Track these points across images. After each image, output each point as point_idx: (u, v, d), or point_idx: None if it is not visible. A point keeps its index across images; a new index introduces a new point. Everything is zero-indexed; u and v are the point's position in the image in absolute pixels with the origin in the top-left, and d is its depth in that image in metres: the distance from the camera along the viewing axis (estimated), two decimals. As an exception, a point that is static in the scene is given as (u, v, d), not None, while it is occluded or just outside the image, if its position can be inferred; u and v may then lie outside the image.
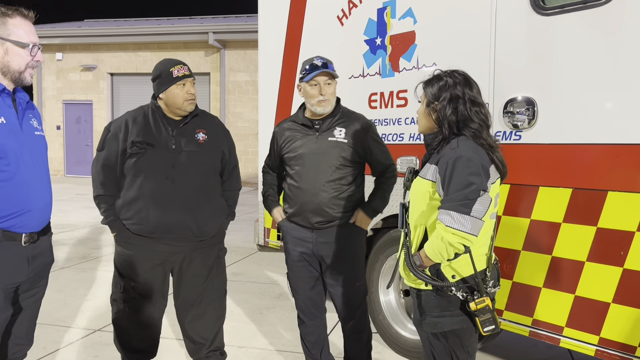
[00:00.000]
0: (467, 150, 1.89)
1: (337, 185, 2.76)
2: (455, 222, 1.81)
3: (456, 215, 1.81)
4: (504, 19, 2.93)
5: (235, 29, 15.07)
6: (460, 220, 1.81)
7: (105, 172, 2.72)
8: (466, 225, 1.80)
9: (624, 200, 2.46)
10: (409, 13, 3.46)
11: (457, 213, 1.81)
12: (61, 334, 3.88)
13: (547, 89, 2.75)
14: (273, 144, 2.98)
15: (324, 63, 2.73)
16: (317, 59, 2.75)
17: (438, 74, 2.05)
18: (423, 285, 2.01)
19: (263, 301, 4.80)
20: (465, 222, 1.81)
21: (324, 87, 2.72)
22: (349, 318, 2.89)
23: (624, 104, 2.49)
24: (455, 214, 1.81)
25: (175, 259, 2.77)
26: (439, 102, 1.99)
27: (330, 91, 2.75)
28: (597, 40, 2.57)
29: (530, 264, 2.83)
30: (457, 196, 1.83)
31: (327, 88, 2.73)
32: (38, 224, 2.10)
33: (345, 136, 2.77)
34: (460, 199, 1.82)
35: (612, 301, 2.51)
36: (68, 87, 16.85)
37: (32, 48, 2.05)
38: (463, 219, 1.81)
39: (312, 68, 2.73)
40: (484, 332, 1.91)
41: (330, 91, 2.74)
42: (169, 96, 2.69)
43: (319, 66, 2.72)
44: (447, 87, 1.98)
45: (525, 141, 2.85)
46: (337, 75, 2.79)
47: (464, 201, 1.81)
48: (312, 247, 2.83)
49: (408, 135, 3.50)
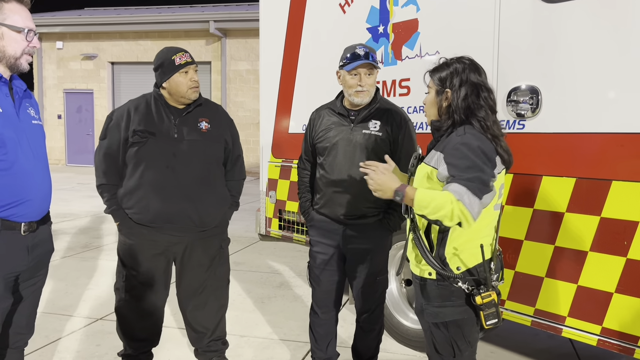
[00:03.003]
0: (474, 139, 1.86)
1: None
2: (467, 201, 1.75)
3: (470, 195, 1.76)
4: (508, 6, 2.89)
5: (237, 18, 14.97)
6: (472, 201, 1.76)
7: (107, 160, 2.71)
8: (474, 209, 1.76)
9: (628, 189, 2.44)
10: (411, 1, 3.42)
11: (471, 193, 1.76)
12: (63, 323, 3.89)
13: (551, 77, 2.73)
14: (308, 130, 2.89)
15: (366, 53, 2.62)
16: (360, 48, 2.63)
17: (445, 61, 2.02)
18: (426, 274, 2.00)
19: (265, 290, 4.80)
20: (475, 205, 1.77)
21: (364, 78, 2.63)
22: (366, 311, 2.87)
23: (629, 93, 2.46)
24: (470, 193, 1.76)
25: (177, 249, 2.76)
26: (450, 89, 1.95)
27: (370, 82, 2.65)
28: (603, 29, 2.53)
29: (533, 253, 2.82)
30: (474, 177, 1.78)
31: (367, 79, 2.64)
32: (37, 213, 2.09)
33: (379, 129, 2.69)
34: (477, 182, 1.78)
35: (615, 291, 2.50)
36: (69, 76, 16.80)
37: (27, 33, 2.03)
38: (475, 201, 1.76)
39: (354, 57, 2.62)
40: (487, 325, 1.90)
41: (370, 82, 2.65)
42: (172, 84, 2.66)
43: (361, 56, 2.61)
44: (457, 73, 1.95)
45: (529, 130, 2.82)
46: (379, 66, 2.69)
47: (479, 185, 1.78)
48: (339, 240, 2.78)
49: (410, 124, 3.47)
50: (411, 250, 2.08)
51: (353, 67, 2.62)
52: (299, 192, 2.97)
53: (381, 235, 2.79)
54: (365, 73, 2.63)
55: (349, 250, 2.79)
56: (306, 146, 2.93)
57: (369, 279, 2.79)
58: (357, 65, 2.61)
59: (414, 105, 3.44)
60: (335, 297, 2.90)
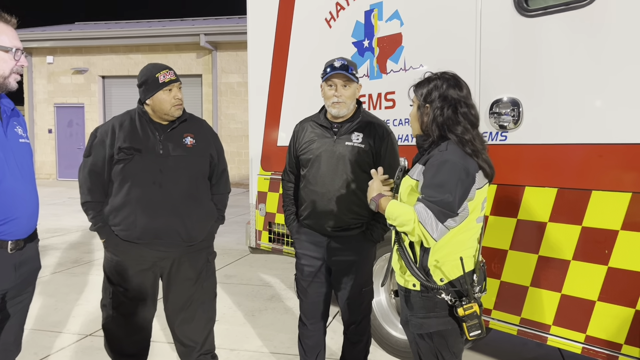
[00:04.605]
0: (455, 155, 1.90)
1: (352, 191, 2.71)
2: (428, 223, 1.84)
3: (432, 218, 1.84)
4: (488, 20, 2.96)
5: (227, 31, 15.05)
6: (433, 224, 1.85)
7: (92, 178, 2.72)
8: (434, 232, 1.85)
9: (607, 199, 2.49)
10: (395, 15, 3.48)
11: (434, 216, 1.84)
12: (52, 340, 3.87)
13: (532, 89, 2.78)
14: (292, 142, 2.93)
15: (343, 65, 2.68)
16: (338, 60, 2.70)
17: (428, 77, 2.07)
18: (411, 285, 2.03)
19: (255, 303, 4.81)
20: (435, 229, 1.85)
21: (341, 89, 2.68)
22: (352, 322, 2.89)
23: (606, 105, 2.51)
24: (432, 217, 1.84)
25: (164, 264, 2.77)
26: (430, 104, 2.00)
27: (347, 94, 2.69)
28: (580, 41, 2.59)
29: (518, 263, 2.86)
30: (440, 201, 1.84)
31: (343, 90, 2.68)
32: (24, 231, 2.10)
33: (362, 141, 2.73)
34: (443, 205, 1.84)
35: (598, 299, 2.54)
36: (59, 91, 16.77)
37: (15, 52, 2.06)
38: (436, 224, 1.85)
39: (330, 69, 2.69)
40: (470, 336, 1.93)
41: (346, 94, 2.69)
42: (156, 102, 2.69)
43: (337, 67, 2.67)
44: (436, 89, 1.99)
45: (511, 142, 2.87)
46: (354, 79, 2.72)
47: (444, 209, 1.84)
48: (324, 253, 2.81)
49: (396, 136, 3.51)
50: (396, 262, 2.11)
51: (327, 77, 2.68)
52: (284, 204, 3.00)
53: (365, 246, 2.82)
54: (341, 84, 2.68)
55: (333, 262, 2.81)
56: (290, 158, 2.97)
57: (354, 290, 2.81)
58: (331, 75, 2.68)
59: (400, 118, 3.49)
60: (323, 308, 2.93)
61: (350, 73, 2.69)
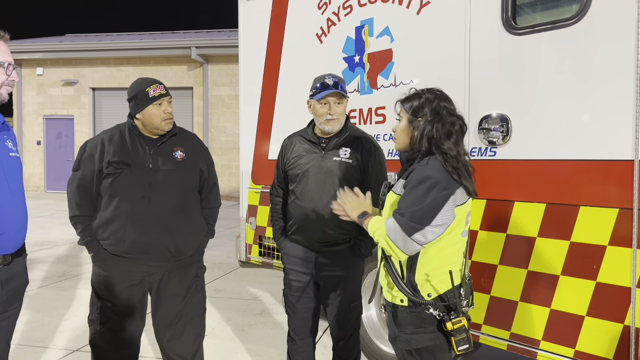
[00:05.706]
0: (433, 170, 1.91)
1: None
2: (393, 237, 1.89)
3: (400, 232, 1.87)
4: (477, 38, 3.00)
5: (218, 44, 15.10)
6: (399, 238, 1.88)
7: (80, 192, 2.70)
8: (402, 246, 1.89)
9: (595, 214, 2.52)
10: (386, 31, 3.52)
11: (402, 230, 1.87)
12: (39, 355, 3.82)
13: (520, 105, 2.82)
14: (280, 157, 2.94)
15: (335, 82, 2.70)
16: (329, 77, 2.71)
17: (416, 92, 2.08)
18: (398, 301, 2.03)
19: (245, 318, 4.77)
20: (403, 243, 1.88)
21: (334, 107, 2.70)
22: (341, 338, 2.88)
23: (593, 121, 2.55)
24: (400, 230, 1.87)
25: (153, 279, 2.75)
26: (421, 117, 2.01)
27: (340, 111, 2.72)
28: (567, 59, 2.64)
29: (507, 278, 2.87)
30: (410, 214, 1.87)
31: (336, 107, 2.70)
32: (12, 246, 2.08)
33: (350, 156, 2.75)
34: (412, 219, 1.86)
35: (587, 314, 2.55)
36: (49, 102, 16.70)
37: (7, 67, 2.05)
38: (402, 238, 1.88)
39: (324, 87, 2.70)
40: (458, 351, 1.94)
41: (339, 111, 2.72)
42: (146, 116, 2.68)
43: (330, 85, 2.68)
44: (429, 103, 2.01)
45: (500, 157, 2.90)
46: (347, 95, 2.76)
47: (413, 223, 1.86)
48: (312, 268, 2.81)
49: (387, 151, 3.53)
50: (384, 277, 2.11)
51: (322, 97, 2.69)
52: (272, 219, 3.01)
53: (353, 262, 2.82)
54: (334, 102, 2.70)
55: (321, 278, 2.81)
56: (278, 173, 2.98)
57: (343, 306, 2.81)
58: (326, 95, 2.68)
59: (390, 133, 3.51)
60: (312, 323, 2.92)
61: (342, 90, 2.71)
